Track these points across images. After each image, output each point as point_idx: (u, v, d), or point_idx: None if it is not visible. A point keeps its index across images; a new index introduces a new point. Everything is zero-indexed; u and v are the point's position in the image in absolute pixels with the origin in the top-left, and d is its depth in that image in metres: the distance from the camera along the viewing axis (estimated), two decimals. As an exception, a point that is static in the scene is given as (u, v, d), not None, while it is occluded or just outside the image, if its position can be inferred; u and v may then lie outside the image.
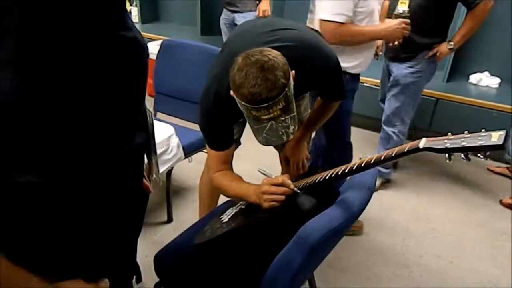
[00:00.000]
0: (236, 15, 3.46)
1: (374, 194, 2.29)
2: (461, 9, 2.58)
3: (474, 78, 3.34)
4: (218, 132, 1.41)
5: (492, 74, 3.33)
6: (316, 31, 1.50)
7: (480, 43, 3.32)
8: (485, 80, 3.31)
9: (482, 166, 3.06)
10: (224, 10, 3.57)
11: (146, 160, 1.02)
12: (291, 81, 1.14)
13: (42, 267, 0.63)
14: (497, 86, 3.28)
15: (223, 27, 3.66)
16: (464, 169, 3.03)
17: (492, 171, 3.04)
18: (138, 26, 4.57)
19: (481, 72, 3.35)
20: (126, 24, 0.68)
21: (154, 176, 1.09)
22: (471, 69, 3.41)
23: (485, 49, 3.33)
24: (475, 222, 2.47)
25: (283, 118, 1.13)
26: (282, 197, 1.19)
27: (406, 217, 2.48)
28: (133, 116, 0.78)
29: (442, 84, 3.25)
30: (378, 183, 2.74)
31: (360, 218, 1.55)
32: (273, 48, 1.18)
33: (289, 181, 1.20)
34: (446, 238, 2.32)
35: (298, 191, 1.19)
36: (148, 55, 0.76)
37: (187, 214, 2.37)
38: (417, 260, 2.15)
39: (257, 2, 3.43)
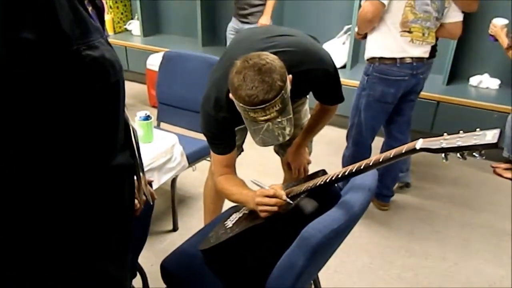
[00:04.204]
0: (246, 26, 3.49)
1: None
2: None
3: (474, 80, 3.37)
4: (219, 136, 1.44)
5: (491, 76, 3.35)
6: (313, 37, 1.53)
7: (479, 46, 3.34)
8: (485, 82, 3.33)
9: (485, 167, 3.07)
10: (235, 19, 3.54)
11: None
12: (288, 85, 1.18)
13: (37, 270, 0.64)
14: (497, 87, 3.30)
15: (230, 36, 3.61)
16: (466, 170, 3.04)
17: (496, 168, 3.02)
18: (139, 39, 4.64)
19: (481, 74, 3.38)
20: (92, 43, 0.67)
21: (144, 197, 1.06)
22: (471, 71, 3.43)
23: (484, 51, 3.35)
24: (479, 223, 2.48)
25: (279, 120, 1.17)
26: (275, 208, 1.22)
27: (410, 220, 2.49)
28: (110, 136, 0.76)
29: (442, 87, 3.28)
30: (395, 186, 2.71)
31: (363, 220, 1.56)
32: (271, 53, 1.22)
33: (281, 192, 1.22)
34: (451, 240, 2.33)
35: (291, 202, 1.21)
36: (121, 70, 0.73)
37: (193, 223, 2.39)
38: (422, 262, 2.16)
39: None
